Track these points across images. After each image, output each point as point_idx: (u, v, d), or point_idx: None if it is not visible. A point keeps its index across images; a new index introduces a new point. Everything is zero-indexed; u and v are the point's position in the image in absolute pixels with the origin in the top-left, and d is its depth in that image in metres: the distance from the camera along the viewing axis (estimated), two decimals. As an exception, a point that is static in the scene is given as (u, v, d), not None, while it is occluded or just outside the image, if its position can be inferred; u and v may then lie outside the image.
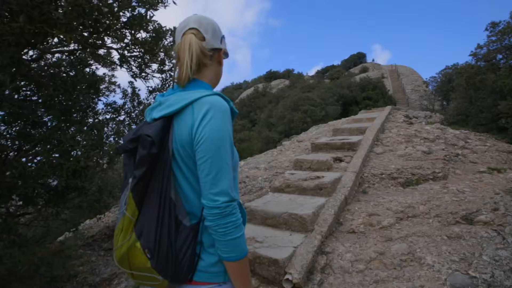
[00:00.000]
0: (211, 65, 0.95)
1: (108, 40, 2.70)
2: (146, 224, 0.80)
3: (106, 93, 3.42)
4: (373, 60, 47.84)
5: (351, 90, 20.60)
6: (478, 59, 9.49)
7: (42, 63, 2.81)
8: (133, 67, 3.05)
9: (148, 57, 2.93)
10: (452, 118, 10.11)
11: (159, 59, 3.04)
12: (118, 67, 3.11)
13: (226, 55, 1.07)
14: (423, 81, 25.07)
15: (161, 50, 2.92)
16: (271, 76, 48.72)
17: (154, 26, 2.71)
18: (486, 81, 7.99)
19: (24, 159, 2.64)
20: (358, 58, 48.75)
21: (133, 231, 0.81)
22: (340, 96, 19.77)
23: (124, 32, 2.59)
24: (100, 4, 2.22)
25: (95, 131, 2.86)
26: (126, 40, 2.62)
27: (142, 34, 2.73)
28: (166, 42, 2.93)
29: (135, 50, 2.81)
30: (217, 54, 0.97)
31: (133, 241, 0.80)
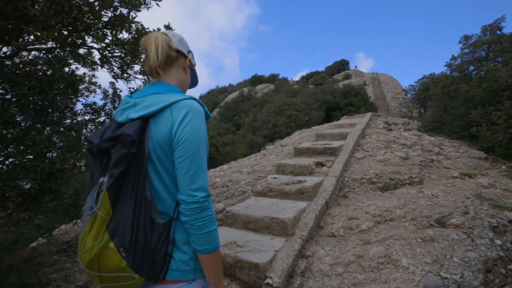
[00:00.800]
0: (176, 67, 1.01)
1: (88, 39, 2.63)
2: (121, 223, 0.80)
3: (86, 93, 3.32)
4: (355, 67, 49.16)
5: (334, 96, 21.06)
6: (452, 69, 10.02)
7: (17, 60, 2.69)
8: (115, 68, 2.98)
9: (130, 58, 2.88)
10: (428, 125, 10.56)
11: (141, 60, 2.99)
12: (99, 67, 3.03)
13: (195, 80, 1.15)
14: (403, 89, 26.06)
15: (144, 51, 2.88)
16: (256, 80, 48.99)
17: (136, 27, 2.66)
18: (460, 91, 8.42)
19: (-6, 161, 2.50)
20: (342, 65, 49.96)
21: (105, 232, 0.80)
22: (324, 102, 20.17)
23: (105, 32, 2.54)
24: (81, 2, 2.17)
25: (72, 132, 2.76)
26: (107, 40, 2.56)
27: (124, 35, 2.68)
28: (149, 44, 2.89)
29: (117, 50, 2.75)
30: (183, 60, 1.03)
31: (105, 241, 0.79)
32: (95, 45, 2.75)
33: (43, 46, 2.73)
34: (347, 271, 2.10)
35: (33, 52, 2.79)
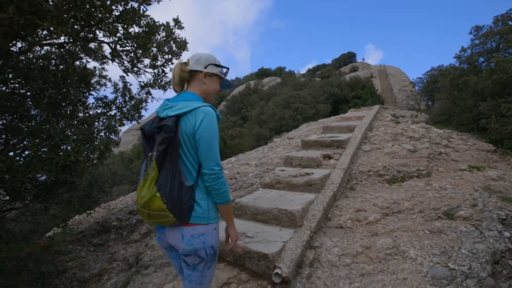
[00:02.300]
0: (194, 82, 1.43)
1: (99, 34, 2.66)
2: (163, 181, 1.24)
3: (97, 87, 3.37)
4: (363, 59, 48.41)
5: (341, 89, 20.81)
6: (461, 61, 9.83)
7: (31, 55, 2.74)
8: (125, 62, 3.01)
9: (140, 52, 2.90)
10: (436, 117, 10.44)
11: (151, 54, 3.01)
12: (110, 61, 3.07)
13: (227, 83, 1.55)
14: (410, 82, 25.62)
15: (154, 45, 2.90)
16: (263, 73, 48.61)
17: (147, 21, 2.68)
18: (469, 83, 8.27)
19: (11, 153, 2.58)
20: (348, 58, 49.24)
21: (154, 186, 1.24)
22: (330, 95, 19.96)
23: (116, 26, 2.56)
24: (92, -3, 2.19)
25: (85, 125, 2.82)
26: (118, 34, 2.59)
27: (134, 29, 2.70)
28: (159, 37, 2.92)
29: (127, 44, 2.78)
30: (199, 74, 1.42)
31: (154, 192, 1.23)
32: (105, 39, 2.79)
33: (55, 41, 2.78)
34: (355, 262, 2.14)
35: (45, 47, 2.84)
